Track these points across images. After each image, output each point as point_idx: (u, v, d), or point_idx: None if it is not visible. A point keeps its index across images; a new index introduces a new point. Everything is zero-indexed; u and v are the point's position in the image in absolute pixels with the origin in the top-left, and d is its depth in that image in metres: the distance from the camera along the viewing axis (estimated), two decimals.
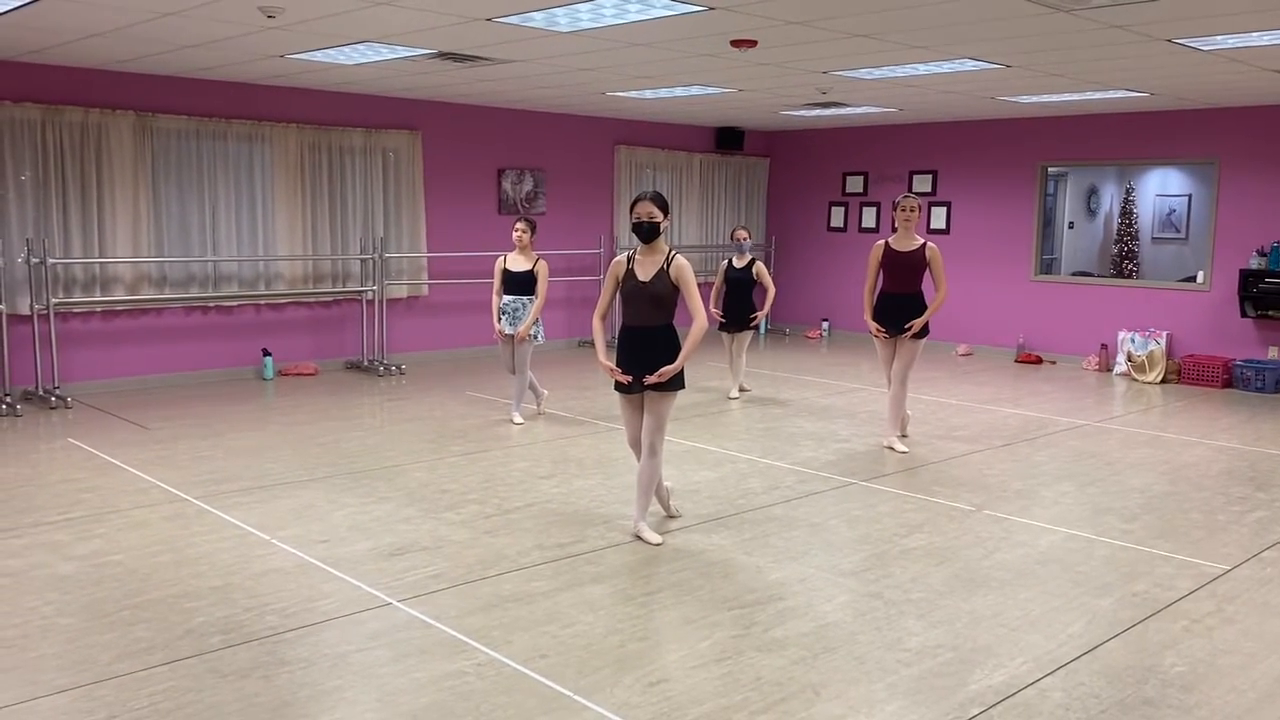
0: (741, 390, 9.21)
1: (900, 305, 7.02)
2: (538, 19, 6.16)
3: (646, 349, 4.99)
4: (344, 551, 4.87)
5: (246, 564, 4.69)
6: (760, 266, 9.08)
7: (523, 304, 7.68)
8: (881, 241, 7.15)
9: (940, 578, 4.66)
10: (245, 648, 3.79)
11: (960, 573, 4.73)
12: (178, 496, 5.75)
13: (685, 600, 4.35)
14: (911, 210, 6.93)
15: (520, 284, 7.66)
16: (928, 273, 7.02)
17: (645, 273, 5.00)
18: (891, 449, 7.11)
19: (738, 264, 9.12)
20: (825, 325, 13.63)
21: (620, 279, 5.06)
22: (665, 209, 4.97)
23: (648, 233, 4.97)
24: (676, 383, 5.00)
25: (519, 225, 7.67)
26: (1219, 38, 6.44)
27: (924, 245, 6.99)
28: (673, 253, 5.02)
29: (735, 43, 6.80)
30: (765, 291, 9.10)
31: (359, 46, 7.22)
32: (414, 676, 3.59)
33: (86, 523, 5.25)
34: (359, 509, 5.57)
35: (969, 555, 4.97)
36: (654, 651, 3.83)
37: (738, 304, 9.09)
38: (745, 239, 9.15)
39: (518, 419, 7.83)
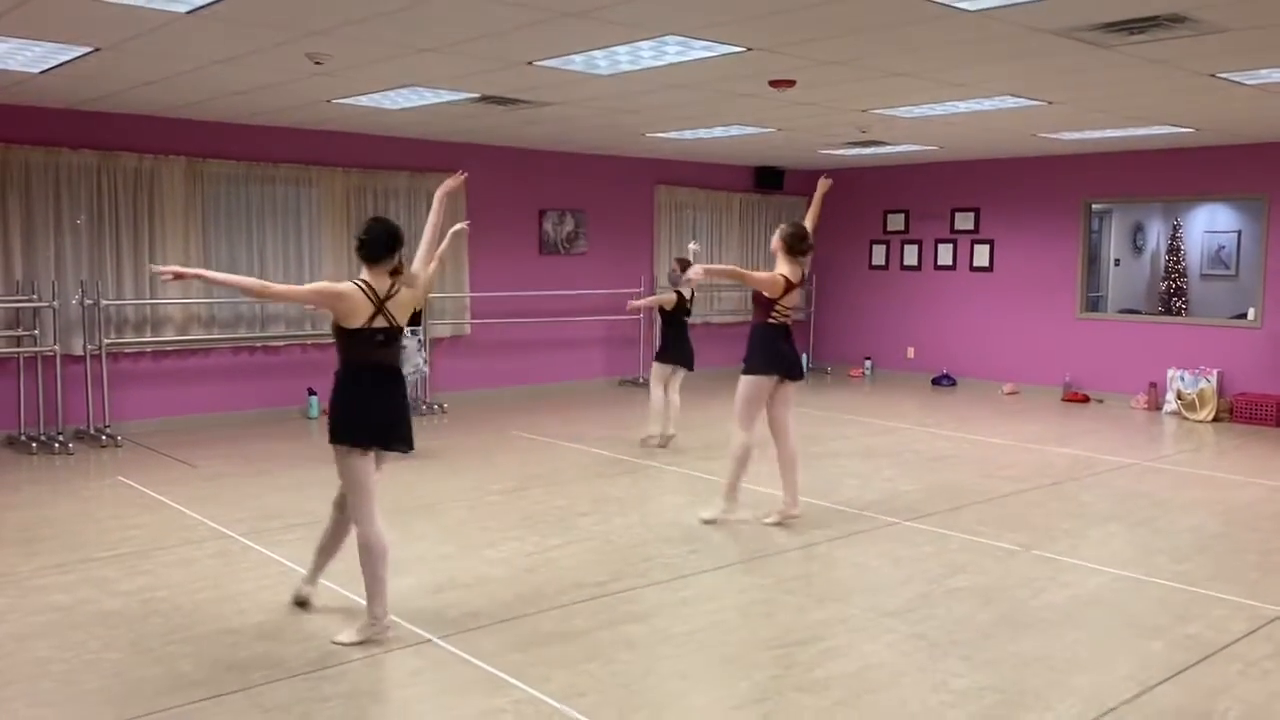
0: (667, 438, 8.44)
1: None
2: (578, 62, 6.25)
3: (404, 396, 4.41)
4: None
5: (289, 600, 4.71)
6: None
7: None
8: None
9: (986, 618, 4.57)
10: (287, 683, 3.81)
11: (1007, 613, 4.64)
12: (223, 533, 5.82)
13: (725, 640, 4.32)
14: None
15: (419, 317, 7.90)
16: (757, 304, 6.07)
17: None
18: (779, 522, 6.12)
19: (686, 294, 8.48)
20: (868, 364, 13.54)
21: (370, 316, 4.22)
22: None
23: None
24: None
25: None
26: (1264, 71, 6.38)
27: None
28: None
29: (774, 83, 6.84)
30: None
31: (403, 91, 7.36)
32: (453, 713, 3.58)
33: (134, 559, 5.33)
34: (400, 546, 5.55)
35: (1015, 596, 4.89)
36: (693, 691, 3.80)
37: (682, 338, 8.41)
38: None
39: None
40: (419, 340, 8.26)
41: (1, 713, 3.59)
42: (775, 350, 5.94)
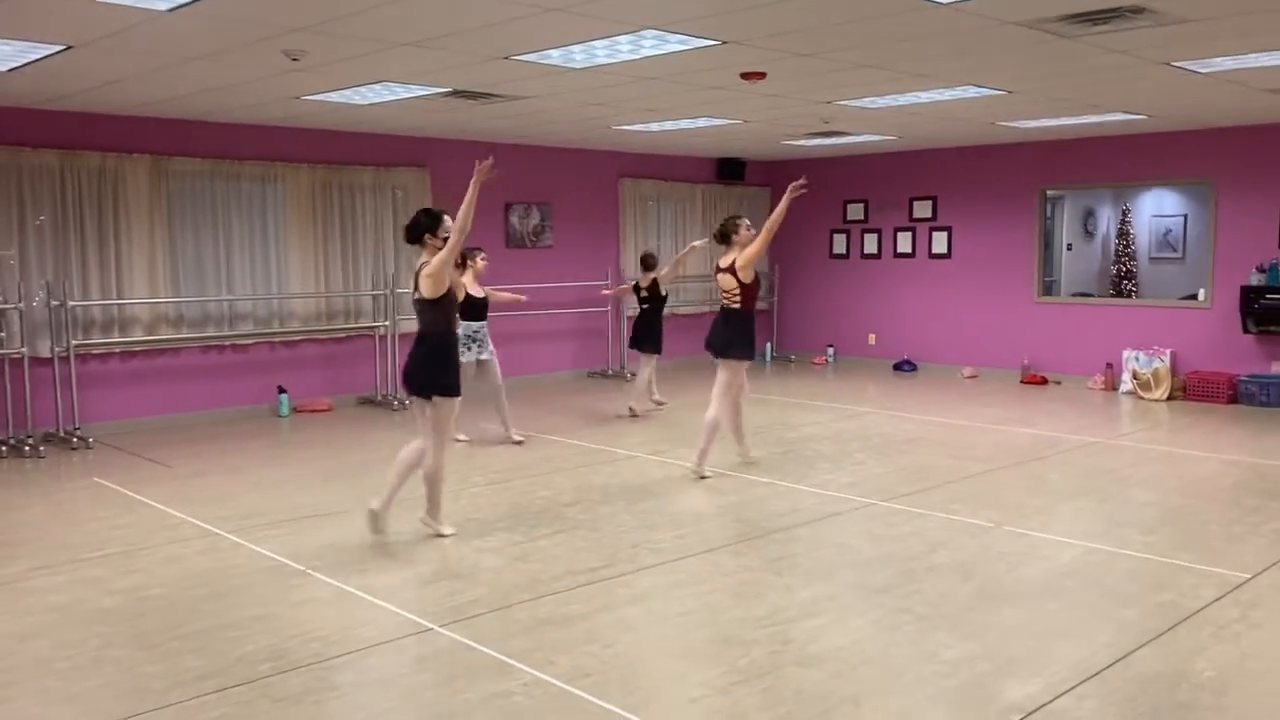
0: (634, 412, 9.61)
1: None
2: (554, 56, 6.32)
3: (418, 354, 5.53)
4: (380, 580, 4.94)
5: (285, 594, 4.76)
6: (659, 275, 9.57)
7: (485, 330, 8.27)
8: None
9: (968, 592, 4.74)
10: (295, 674, 3.86)
11: (987, 587, 4.81)
12: (210, 531, 5.82)
13: (720, 619, 4.43)
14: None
15: (484, 310, 8.29)
16: (740, 286, 6.95)
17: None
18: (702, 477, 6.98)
19: (644, 284, 9.60)
20: (830, 351, 13.74)
21: (450, 286, 5.47)
22: None
23: None
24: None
25: (483, 253, 8.38)
26: (1216, 60, 6.61)
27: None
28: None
29: (745, 75, 6.95)
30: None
31: (375, 86, 7.37)
32: (464, 697, 3.66)
33: (122, 558, 5.32)
34: (390, 539, 5.64)
35: (994, 570, 5.06)
36: (695, 669, 3.90)
37: (643, 324, 9.58)
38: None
39: (518, 436, 8.37)
40: (468, 335, 8.04)
41: (11, 711, 3.60)
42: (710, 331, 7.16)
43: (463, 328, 7.96)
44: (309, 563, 5.20)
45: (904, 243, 13.08)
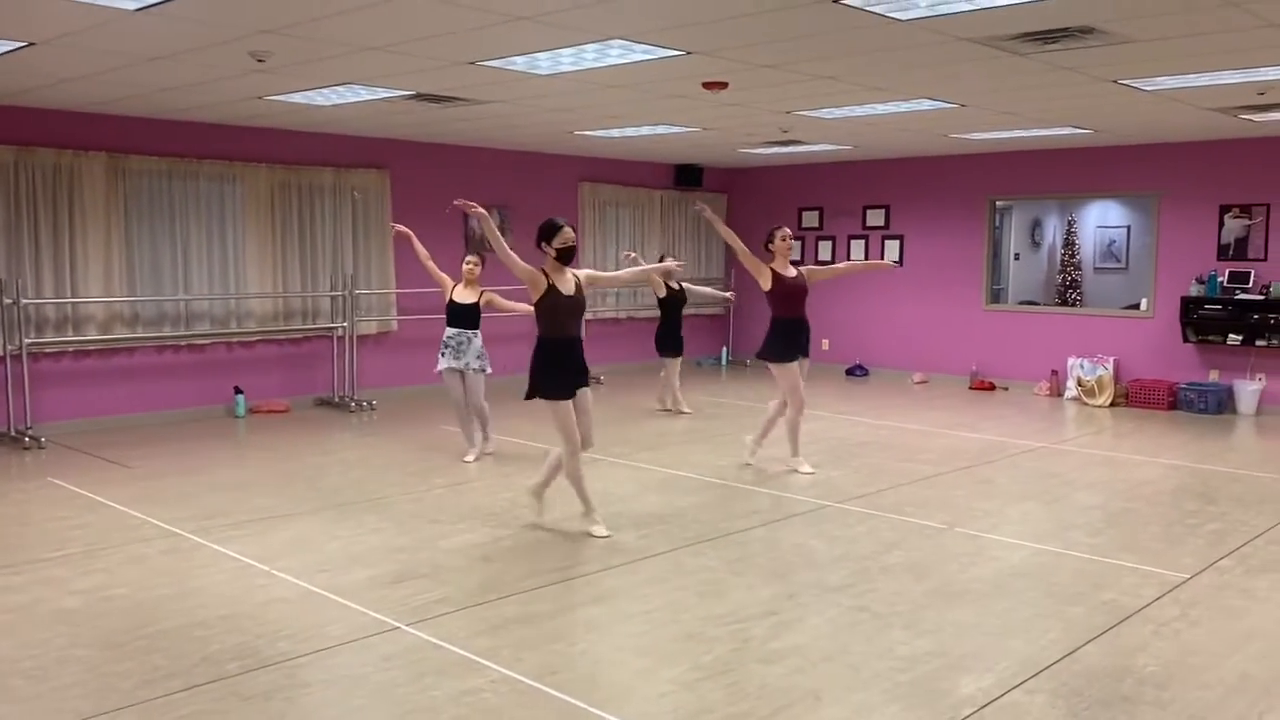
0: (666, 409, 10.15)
1: (803, 328, 7.62)
2: (519, 63, 6.39)
3: (580, 356, 5.70)
4: (345, 580, 4.97)
5: (250, 594, 4.78)
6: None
7: (468, 338, 7.72)
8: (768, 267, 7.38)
9: (921, 591, 4.89)
10: (263, 672, 3.90)
11: (940, 586, 4.96)
12: (171, 531, 5.80)
13: (683, 618, 4.53)
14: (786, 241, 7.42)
15: (466, 316, 7.75)
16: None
17: (569, 288, 5.66)
18: (797, 471, 7.45)
19: (660, 294, 10.15)
20: None
21: (544, 293, 5.59)
22: None
23: (573, 254, 5.74)
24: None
25: (471, 258, 7.93)
26: (1160, 79, 6.86)
27: (800, 270, 7.57)
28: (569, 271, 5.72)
29: (707, 84, 7.07)
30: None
31: (338, 88, 7.38)
32: (433, 694, 3.72)
33: (83, 559, 5.30)
34: (353, 540, 5.67)
35: (946, 570, 5.21)
36: (660, 666, 4.00)
37: (660, 325, 10.21)
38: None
39: (470, 458, 7.78)
40: (445, 341, 7.83)
41: None
42: None
43: (445, 333, 7.80)
44: (273, 563, 5.22)
45: (857, 250, 13.31)
